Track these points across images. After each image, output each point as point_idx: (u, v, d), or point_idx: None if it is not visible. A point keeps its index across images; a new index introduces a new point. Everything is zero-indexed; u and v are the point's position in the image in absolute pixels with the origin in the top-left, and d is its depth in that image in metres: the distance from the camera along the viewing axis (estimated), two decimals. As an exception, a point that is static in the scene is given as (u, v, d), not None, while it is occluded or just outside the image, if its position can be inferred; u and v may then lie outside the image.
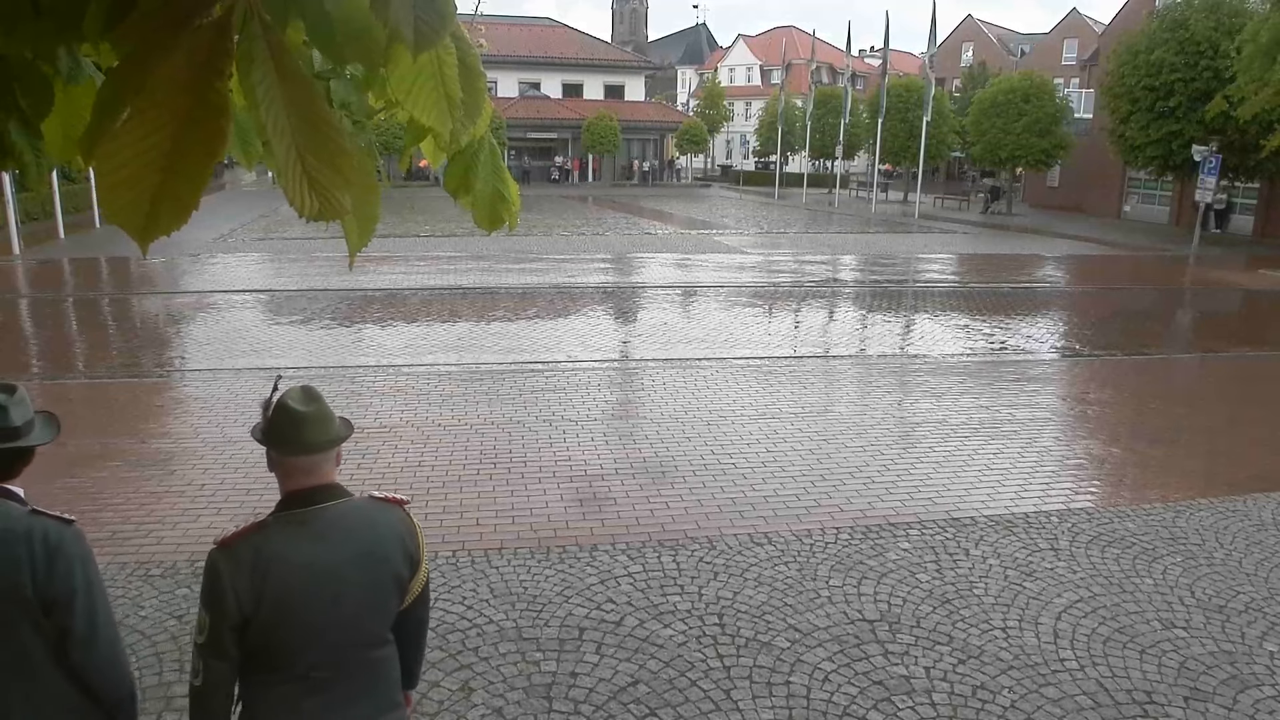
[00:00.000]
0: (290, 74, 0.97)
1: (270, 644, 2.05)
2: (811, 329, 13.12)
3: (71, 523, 2.14)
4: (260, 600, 1.99)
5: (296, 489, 2.11)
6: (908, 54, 69.98)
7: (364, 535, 2.15)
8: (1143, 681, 4.16)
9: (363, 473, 6.53)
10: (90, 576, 2.12)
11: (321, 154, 1.00)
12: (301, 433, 2.07)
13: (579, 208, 35.00)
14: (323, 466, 2.14)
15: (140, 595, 4.72)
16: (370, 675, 2.20)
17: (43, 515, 2.10)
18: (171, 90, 0.90)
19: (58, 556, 2.05)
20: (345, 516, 2.14)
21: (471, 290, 15.36)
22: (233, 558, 2.00)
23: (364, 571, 2.13)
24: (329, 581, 2.07)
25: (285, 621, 2.03)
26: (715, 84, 65.14)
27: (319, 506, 2.11)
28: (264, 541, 2.04)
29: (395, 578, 2.20)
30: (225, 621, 1.99)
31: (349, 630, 2.13)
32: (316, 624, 2.07)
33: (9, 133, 1.44)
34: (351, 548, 2.12)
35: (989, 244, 25.77)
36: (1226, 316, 16.03)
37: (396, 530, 2.22)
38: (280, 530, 2.07)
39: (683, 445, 7.30)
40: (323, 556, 2.07)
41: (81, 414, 7.92)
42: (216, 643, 2.00)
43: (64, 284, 16.49)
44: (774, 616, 4.66)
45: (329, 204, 1.01)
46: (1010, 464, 7.04)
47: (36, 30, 1.12)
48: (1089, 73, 43.12)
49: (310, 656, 2.08)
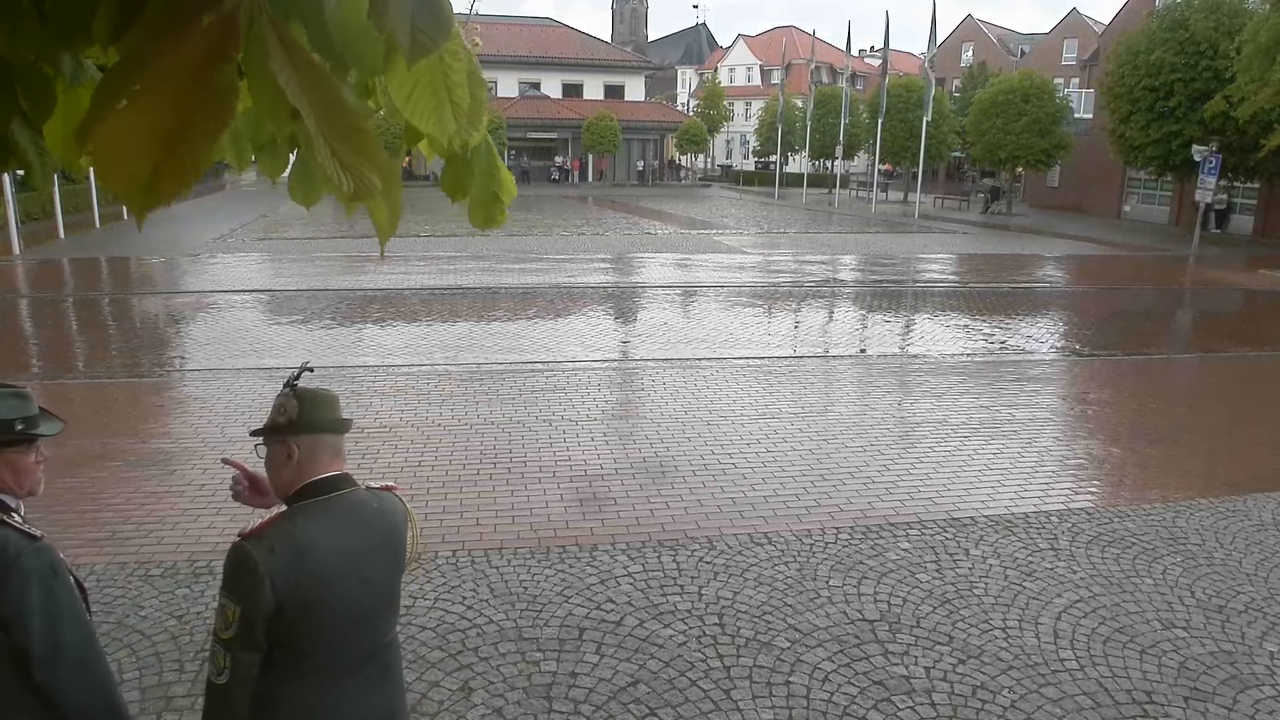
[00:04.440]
0: (304, 62, 0.97)
1: (296, 635, 2.03)
2: (811, 329, 13.12)
3: (37, 538, 2.07)
4: (296, 586, 1.98)
5: (321, 476, 2.11)
6: (908, 54, 69.95)
7: (382, 521, 2.19)
8: (1143, 681, 4.16)
9: (363, 473, 6.48)
10: (54, 592, 2.03)
11: (345, 138, 1.01)
12: (334, 409, 2.14)
13: (579, 208, 34.99)
14: (342, 451, 2.18)
15: (140, 595, 4.72)
16: (386, 663, 2.23)
17: (9, 527, 2.04)
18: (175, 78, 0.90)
19: (10, 574, 1.98)
20: (364, 503, 2.17)
21: (471, 290, 15.36)
22: (266, 546, 1.98)
23: (388, 556, 2.18)
24: (359, 568, 2.09)
25: (319, 609, 2.02)
26: (715, 84, 65.14)
27: (339, 493, 2.12)
28: (294, 529, 2.03)
29: (402, 565, 2.26)
30: (260, 612, 1.95)
31: (373, 617, 2.16)
32: (347, 612, 2.08)
33: (12, 133, 1.44)
34: (375, 533, 2.15)
35: (989, 244, 25.77)
36: (1226, 317, 16.03)
37: (402, 517, 2.27)
38: (309, 517, 2.07)
39: (683, 445, 7.31)
40: (354, 540, 2.10)
41: (81, 414, 7.91)
42: (248, 635, 1.96)
43: (64, 284, 16.48)
44: (774, 616, 4.66)
45: (362, 184, 1.03)
46: (1010, 464, 7.04)
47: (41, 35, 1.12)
48: (1089, 73, 43.12)
49: (335, 645, 2.09)
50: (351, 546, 2.09)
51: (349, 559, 2.08)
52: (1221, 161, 23.71)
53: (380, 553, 2.15)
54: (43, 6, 1.11)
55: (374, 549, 2.14)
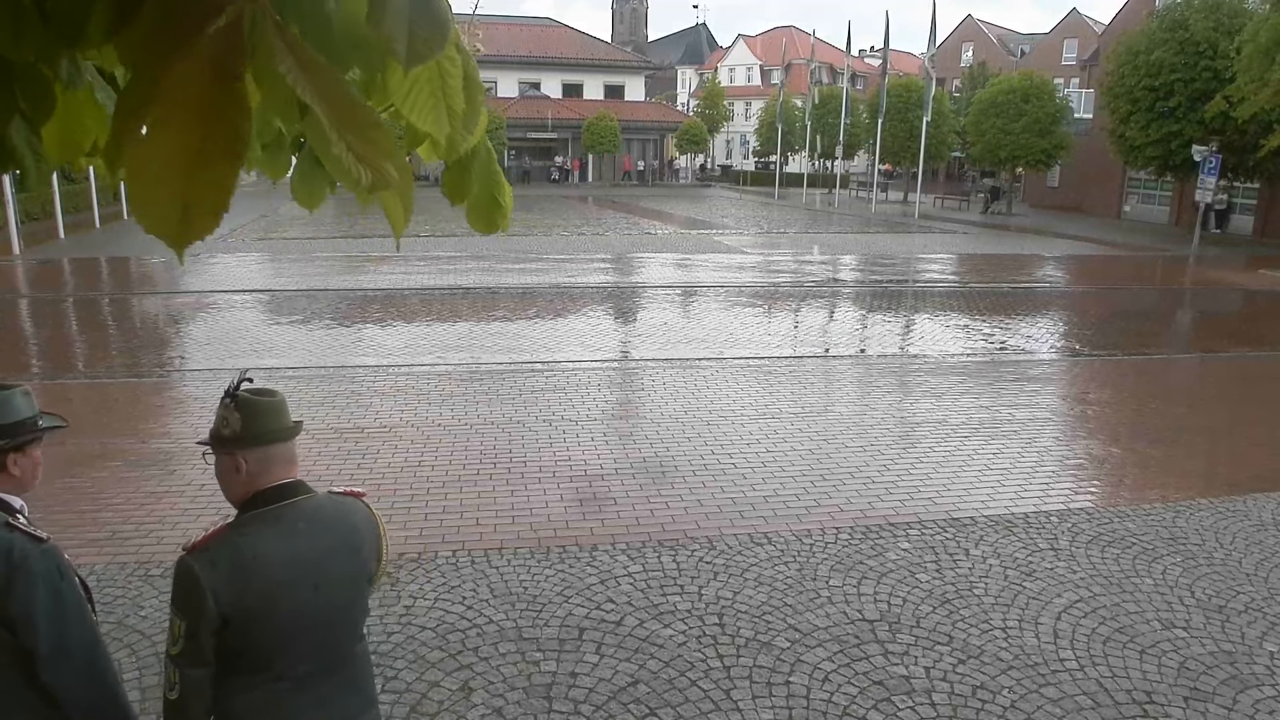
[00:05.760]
0: (311, 63, 0.98)
1: (249, 645, 2.02)
2: (811, 329, 13.12)
3: (43, 540, 2.08)
4: (241, 599, 1.97)
5: (272, 484, 2.07)
6: (908, 54, 69.95)
7: (338, 528, 2.14)
8: (1143, 681, 4.16)
9: (363, 473, 6.54)
10: (60, 593, 2.05)
11: (359, 131, 1.02)
12: (279, 419, 2.06)
13: (579, 208, 34.99)
14: (294, 457, 2.12)
15: (140, 595, 4.72)
16: (350, 672, 2.19)
17: (16, 530, 2.05)
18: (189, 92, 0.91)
19: (17, 575, 2.00)
20: (319, 510, 2.13)
21: (471, 290, 15.36)
22: (208, 560, 1.97)
23: (341, 565, 2.12)
24: (310, 576, 2.05)
25: (268, 619, 2.01)
26: (715, 84, 65.13)
27: (291, 501, 2.08)
28: (241, 539, 2.01)
29: (366, 571, 2.20)
30: (205, 626, 1.95)
31: (329, 626, 2.11)
32: (299, 620, 2.05)
33: (9, 135, 1.44)
34: (329, 541, 2.11)
35: (989, 244, 25.77)
36: (1226, 317, 16.03)
37: (368, 523, 2.22)
38: (256, 527, 2.04)
39: (683, 445, 7.31)
40: (303, 551, 2.06)
41: (81, 414, 7.91)
42: (195, 649, 1.96)
43: (64, 284, 16.48)
44: (774, 616, 4.66)
45: (379, 174, 1.03)
46: (1010, 464, 7.04)
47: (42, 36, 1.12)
48: (1089, 73, 43.12)
49: (291, 655, 2.06)
50: (302, 555, 2.05)
51: (299, 568, 2.04)
52: (1221, 161, 23.71)
53: (335, 561, 2.10)
54: (44, 7, 1.11)
55: (327, 557, 2.09)
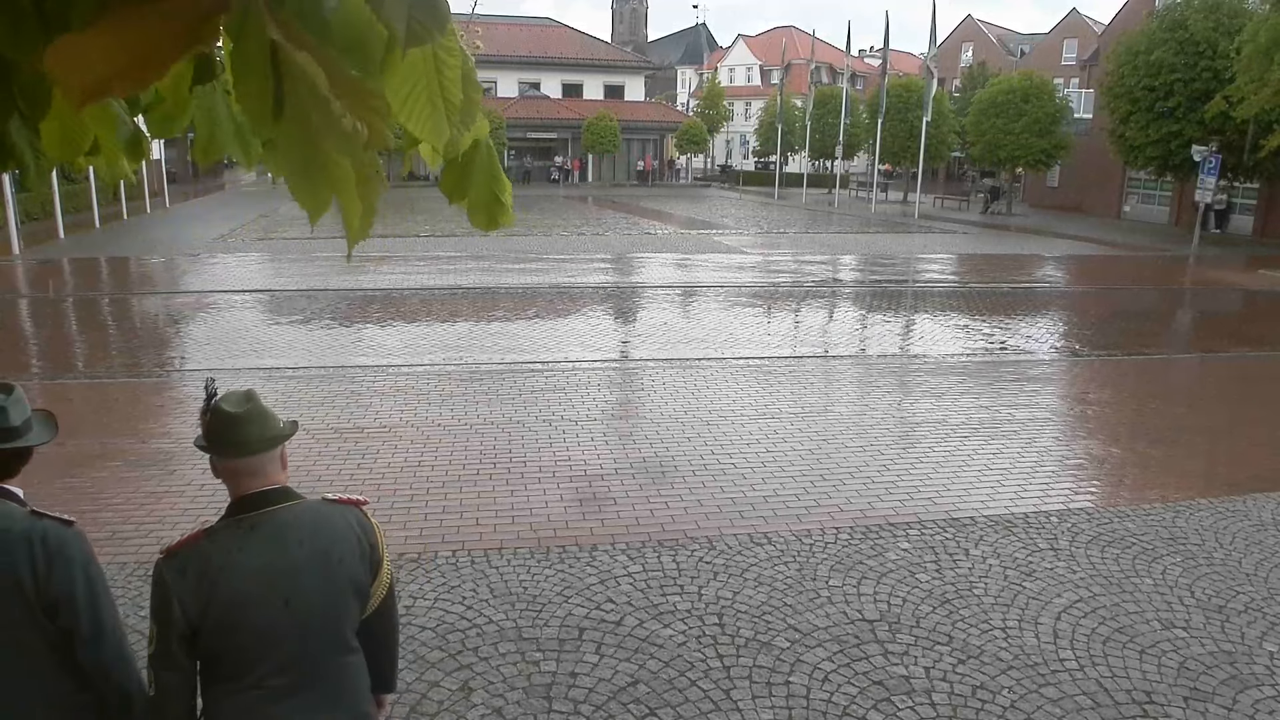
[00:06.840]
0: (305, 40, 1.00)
1: (224, 652, 2.02)
2: (811, 329, 13.12)
3: (71, 524, 2.13)
4: (208, 608, 1.97)
5: (244, 493, 2.07)
6: (908, 54, 69.93)
7: (317, 538, 2.10)
8: (1142, 681, 4.16)
9: (363, 473, 6.54)
10: (92, 576, 2.12)
11: (351, 95, 1.05)
12: (237, 433, 2.04)
13: (579, 208, 34.99)
14: (267, 468, 2.09)
15: (140, 595, 4.71)
16: (332, 683, 2.14)
17: (44, 516, 2.10)
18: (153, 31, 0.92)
19: (58, 559, 2.05)
20: (298, 519, 2.10)
21: (471, 290, 15.36)
22: (177, 567, 1.98)
23: (319, 576, 2.08)
24: (282, 586, 2.03)
25: (238, 629, 2.00)
26: (715, 84, 65.10)
27: (268, 510, 2.07)
28: (212, 548, 2.01)
29: (353, 581, 2.15)
30: (173, 631, 1.97)
31: (306, 637, 2.08)
32: (271, 630, 2.03)
33: (9, 133, 1.44)
34: (305, 551, 2.07)
35: (989, 244, 25.77)
36: (1226, 317, 16.03)
37: (354, 531, 2.17)
38: (228, 536, 2.04)
39: (683, 445, 7.30)
40: (275, 561, 2.03)
41: (81, 414, 7.92)
42: (166, 654, 1.97)
43: (64, 284, 16.48)
44: (774, 616, 4.66)
45: (376, 131, 1.08)
46: (1010, 464, 7.04)
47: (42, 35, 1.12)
48: (1089, 73, 43.12)
49: (267, 664, 2.04)
50: (272, 568, 2.03)
51: (268, 581, 2.02)
52: (1221, 161, 23.71)
53: (310, 573, 2.07)
54: (43, 6, 1.11)
55: (299, 570, 2.06)
